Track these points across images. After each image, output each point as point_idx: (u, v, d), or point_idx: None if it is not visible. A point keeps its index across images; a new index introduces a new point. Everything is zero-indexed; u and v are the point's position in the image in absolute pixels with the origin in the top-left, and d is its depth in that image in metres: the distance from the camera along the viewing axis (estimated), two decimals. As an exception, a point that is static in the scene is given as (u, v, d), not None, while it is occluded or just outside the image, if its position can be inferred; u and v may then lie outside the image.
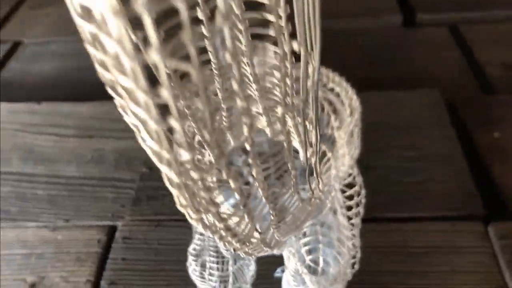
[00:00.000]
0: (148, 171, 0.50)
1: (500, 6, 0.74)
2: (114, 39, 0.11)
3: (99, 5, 0.11)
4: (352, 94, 0.27)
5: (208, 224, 0.16)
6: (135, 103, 0.13)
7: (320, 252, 0.23)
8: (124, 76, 0.12)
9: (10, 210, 0.48)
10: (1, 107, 0.60)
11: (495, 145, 0.50)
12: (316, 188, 0.17)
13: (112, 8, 0.11)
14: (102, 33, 0.11)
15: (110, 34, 0.11)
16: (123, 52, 0.11)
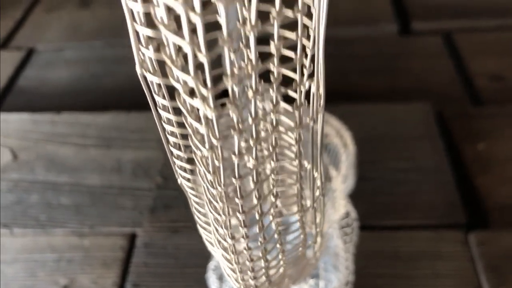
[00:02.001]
0: (164, 180, 0.55)
1: (491, 14, 0.78)
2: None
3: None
4: (347, 136, 0.31)
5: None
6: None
7: (321, 276, 0.28)
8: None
9: (39, 217, 0.53)
10: (24, 117, 0.65)
11: (480, 157, 0.55)
12: (317, 250, 0.22)
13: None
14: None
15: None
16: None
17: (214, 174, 0.16)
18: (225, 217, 0.17)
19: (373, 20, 0.79)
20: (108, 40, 0.80)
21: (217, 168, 0.16)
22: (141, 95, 0.64)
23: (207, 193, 0.18)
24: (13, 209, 0.54)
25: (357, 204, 0.47)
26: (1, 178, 0.57)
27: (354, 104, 0.63)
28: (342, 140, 0.32)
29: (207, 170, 0.16)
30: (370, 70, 0.70)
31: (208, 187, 0.17)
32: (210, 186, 0.17)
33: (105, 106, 0.67)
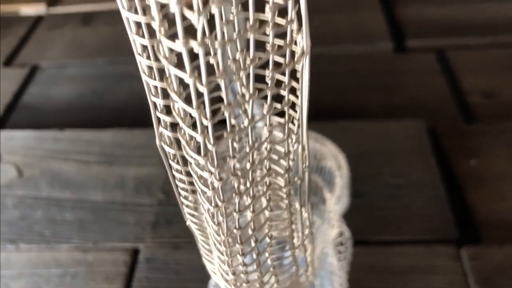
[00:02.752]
0: (165, 196, 0.57)
1: (483, 32, 0.80)
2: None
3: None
4: (341, 158, 0.33)
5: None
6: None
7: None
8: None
9: (44, 232, 0.55)
10: (28, 134, 0.67)
11: (471, 173, 0.57)
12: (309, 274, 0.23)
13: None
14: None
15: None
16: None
17: (219, 225, 0.18)
18: (228, 257, 0.19)
19: (369, 38, 0.81)
20: (110, 57, 0.82)
21: (221, 222, 0.18)
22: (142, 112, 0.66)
23: (212, 238, 0.20)
24: (18, 225, 0.56)
25: (353, 219, 0.49)
26: (7, 194, 0.59)
27: (349, 121, 0.65)
28: (336, 162, 0.33)
29: (213, 222, 0.18)
30: (365, 87, 0.72)
31: (213, 234, 0.19)
32: (215, 233, 0.19)
33: (107, 123, 0.69)
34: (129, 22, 0.15)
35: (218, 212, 0.17)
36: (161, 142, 0.18)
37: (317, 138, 0.36)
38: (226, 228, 0.18)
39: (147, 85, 0.17)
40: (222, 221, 0.18)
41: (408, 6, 0.88)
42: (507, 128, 0.62)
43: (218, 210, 0.17)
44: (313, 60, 0.72)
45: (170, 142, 0.18)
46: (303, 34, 0.16)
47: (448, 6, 0.87)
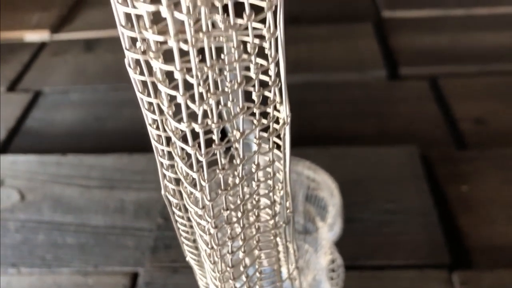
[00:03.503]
0: (164, 221, 0.58)
1: (474, 61, 0.83)
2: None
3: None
4: (334, 187, 0.34)
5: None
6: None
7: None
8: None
9: (45, 256, 0.56)
10: (31, 158, 0.68)
11: (463, 198, 0.58)
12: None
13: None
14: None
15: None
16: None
17: (214, 264, 0.19)
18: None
19: (364, 66, 0.83)
20: (112, 84, 0.85)
21: (217, 261, 0.20)
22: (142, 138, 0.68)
23: (209, 274, 0.22)
24: (20, 249, 0.57)
25: (346, 244, 0.50)
26: (9, 218, 0.60)
27: (344, 147, 0.67)
28: (329, 191, 0.35)
29: (209, 260, 0.20)
30: (360, 114, 0.74)
31: (210, 270, 0.21)
32: (212, 270, 0.20)
33: (109, 148, 0.71)
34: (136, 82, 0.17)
35: (214, 253, 0.19)
36: (165, 192, 0.20)
37: (311, 167, 0.38)
38: (221, 267, 0.20)
39: (155, 148, 0.19)
40: (217, 261, 0.20)
41: (401, 35, 0.91)
42: (497, 155, 0.64)
43: (214, 251, 0.19)
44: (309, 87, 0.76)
45: (173, 193, 0.20)
46: (284, 106, 0.17)
47: (440, 35, 0.89)
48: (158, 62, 0.14)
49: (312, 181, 0.38)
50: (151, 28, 0.13)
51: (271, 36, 0.15)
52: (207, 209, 0.17)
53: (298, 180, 0.35)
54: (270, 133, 0.17)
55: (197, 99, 0.14)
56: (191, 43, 0.12)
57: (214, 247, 0.19)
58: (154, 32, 0.13)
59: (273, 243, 0.21)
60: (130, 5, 0.13)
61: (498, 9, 0.96)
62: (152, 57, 0.14)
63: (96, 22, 1.03)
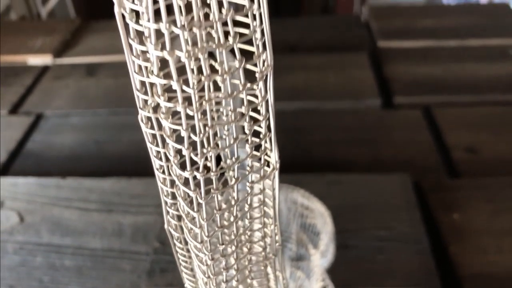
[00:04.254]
0: (161, 245, 0.59)
1: (467, 91, 0.85)
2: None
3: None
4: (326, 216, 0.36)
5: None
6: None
7: None
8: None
9: (43, 279, 0.56)
10: (31, 181, 0.70)
11: (455, 226, 0.60)
12: None
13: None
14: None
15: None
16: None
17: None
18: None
19: (359, 95, 0.85)
20: (112, 108, 0.86)
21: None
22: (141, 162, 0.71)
23: None
24: (18, 271, 0.57)
25: (340, 270, 0.51)
26: (8, 240, 0.61)
27: (339, 174, 0.68)
28: (322, 219, 0.36)
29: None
30: (354, 141, 0.76)
31: None
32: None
33: (108, 171, 0.72)
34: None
35: (210, 281, 0.21)
36: (168, 226, 0.22)
37: (305, 195, 0.39)
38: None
39: (161, 189, 0.20)
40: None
41: (396, 64, 0.93)
42: (488, 184, 0.65)
43: (210, 280, 0.21)
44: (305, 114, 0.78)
45: (175, 227, 0.22)
46: (274, 153, 0.19)
47: (433, 65, 0.92)
48: (167, 122, 0.16)
49: (306, 209, 0.39)
50: (163, 95, 0.15)
51: (263, 99, 0.17)
52: (205, 243, 0.19)
53: (292, 208, 0.37)
54: (262, 177, 0.18)
55: (199, 152, 0.15)
56: (195, 108, 0.14)
57: (211, 276, 0.20)
58: (165, 99, 0.15)
59: (264, 272, 0.22)
60: (145, 75, 0.15)
61: (490, 41, 0.98)
62: (163, 117, 0.16)
63: (97, 47, 1.05)
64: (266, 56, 0.16)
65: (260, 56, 0.16)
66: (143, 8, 0.14)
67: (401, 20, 1.08)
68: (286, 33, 1.09)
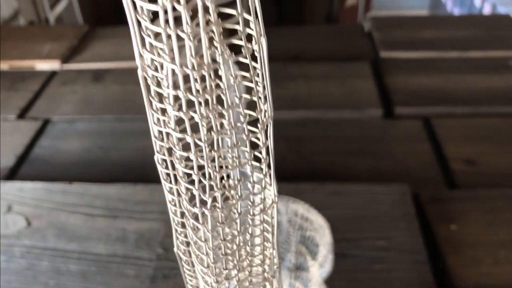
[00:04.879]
0: (164, 252, 0.61)
1: (466, 103, 0.86)
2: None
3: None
4: (325, 228, 0.37)
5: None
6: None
7: None
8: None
9: (48, 283, 0.58)
10: (38, 186, 0.71)
11: (451, 238, 0.61)
12: None
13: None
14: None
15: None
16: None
17: None
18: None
19: (360, 105, 0.87)
20: (117, 114, 0.88)
21: None
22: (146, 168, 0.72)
23: None
24: (24, 274, 0.59)
25: (338, 279, 0.53)
26: (15, 244, 0.63)
27: (339, 184, 0.69)
28: (320, 232, 0.38)
29: None
30: (355, 151, 0.77)
31: None
32: None
33: (113, 177, 0.74)
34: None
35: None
36: (178, 250, 0.24)
37: (304, 207, 0.41)
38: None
39: (172, 219, 0.22)
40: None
41: (397, 75, 0.94)
42: (486, 196, 0.67)
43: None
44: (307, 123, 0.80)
45: (184, 251, 0.23)
46: (273, 188, 0.20)
47: (434, 76, 0.93)
48: (181, 166, 0.18)
49: (306, 221, 0.40)
50: (178, 145, 0.17)
51: (263, 145, 0.18)
52: (210, 268, 0.20)
53: (292, 219, 0.38)
54: (262, 210, 0.20)
55: (208, 193, 0.17)
56: (203, 140, 0.16)
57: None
58: (180, 148, 0.17)
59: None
60: (163, 126, 0.17)
61: (490, 53, 1.00)
62: (177, 162, 0.18)
63: (104, 53, 1.07)
64: (267, 108, 0.18)
65: (262, 110, 0.18)
66: (163, 76, 0.15)
67: (404, 30, 1.09)
68: (289, 42, 1.10)
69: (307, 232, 0.39)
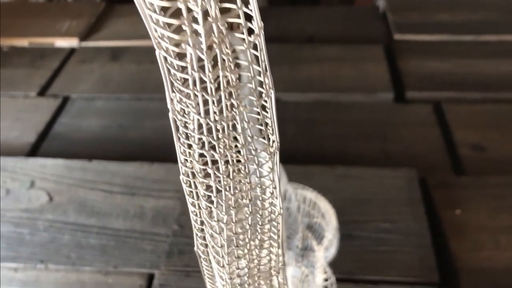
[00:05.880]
0: (180, 228, 0.64)
1: (478, 88, 0.87)
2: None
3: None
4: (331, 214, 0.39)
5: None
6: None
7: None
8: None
9: (70, 255, 0.62)
10: (59, 163, 0.74)
11: (456, 222, 0.63)
12: None
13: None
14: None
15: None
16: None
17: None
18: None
19: (372, 88, 0.88)
20: (135, 94, 0.90)
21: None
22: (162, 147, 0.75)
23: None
24: (48, 247, 0.63)
25: (344, 259, 0.55)
26: (39, 218, 0.66)
27: (348, 167, 0.71)
28: (327, 218, 0.40)
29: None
30: (365, 135, 0.79)
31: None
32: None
33: (130, 156, 0.76)
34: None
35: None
36: (197, 249, 0.26)
37: (313, 194, 0.43)
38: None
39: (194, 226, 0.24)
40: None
41: (410, 58, 0.95)
42: (492, 182, 0.68)
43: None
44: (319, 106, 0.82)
45: (203, 250, 0.26)
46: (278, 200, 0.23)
47: (447, 60, 0.94)
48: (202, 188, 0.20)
49: (313, 208, 0.43)
50: (200, 173, 0.19)
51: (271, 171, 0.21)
52: (226, 268, 0.23)
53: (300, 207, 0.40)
54: (270, 220, 0.22)
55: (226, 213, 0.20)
56: (222, 171, 0.18)
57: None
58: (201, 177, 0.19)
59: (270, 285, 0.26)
60: (188, 156, 0.19)
61: (505, 37, 1.00)
62: (199, 185, 0.20)
63: (122, 32, 1.08)
64: (275, 138, 0.20)
65: (269, 144, 0.20)
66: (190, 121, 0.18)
67: (419, 12, 1.09)
68: (303, 23, 1.11)
69: (314, 219, 0.41)
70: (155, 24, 0.16)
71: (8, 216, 0.66)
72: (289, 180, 0.53)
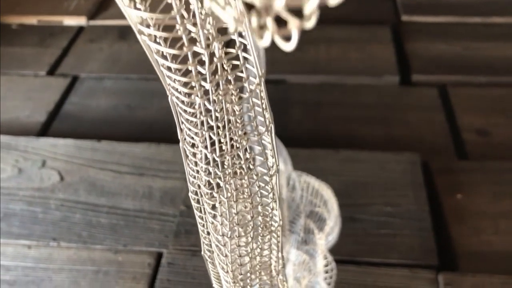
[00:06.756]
0: (186, 209, 0.65)
1: (484, 71, 0.87)
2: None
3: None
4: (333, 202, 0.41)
5: None
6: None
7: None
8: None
9: (81, 233, 0.64)
10: (69, 143, 0.76)
11: (457, 207, 0.64)
12: None
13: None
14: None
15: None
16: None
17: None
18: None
19: (378, 71, 0.88)
20: (143, 74, 0.91)
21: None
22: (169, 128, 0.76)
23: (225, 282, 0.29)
24: (60, 225, 0.65)
25: (347, 241, 0.57)
26: (51, 197, 0.68)
27: (352, 150, 0.73)
28: (328, 206, 0.41)
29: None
30: (370, 119, 0.79)
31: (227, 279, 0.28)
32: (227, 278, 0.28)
33: (138, 136, 0.78)
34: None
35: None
36: (204, 253, 0.27)
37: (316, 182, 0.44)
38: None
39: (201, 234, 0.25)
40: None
41: (417, 40, 0.95)
42: (494, 168, 0.69)
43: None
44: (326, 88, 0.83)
45: (209, 253, 0.27)
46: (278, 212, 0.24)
47: (454, 42, 0.94)
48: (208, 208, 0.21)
49: (315, 197, 0.44)
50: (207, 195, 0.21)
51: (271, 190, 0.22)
52: (230, 273, 0.24)
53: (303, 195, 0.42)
54: (270, 231, 0.24)
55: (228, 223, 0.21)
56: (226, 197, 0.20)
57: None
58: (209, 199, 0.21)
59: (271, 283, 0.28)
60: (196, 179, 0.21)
61: (514, 20, 0.99)
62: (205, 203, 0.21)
63: (129, 10, 1.08)
64: (275, 161, 0.21)
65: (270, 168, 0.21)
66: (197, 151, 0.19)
67: (428, -7, 1.08)
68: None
69: (316, 208, 0.43)
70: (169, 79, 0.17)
71: (21, 195, 0.68)
72: (294, 163, 0.55)
